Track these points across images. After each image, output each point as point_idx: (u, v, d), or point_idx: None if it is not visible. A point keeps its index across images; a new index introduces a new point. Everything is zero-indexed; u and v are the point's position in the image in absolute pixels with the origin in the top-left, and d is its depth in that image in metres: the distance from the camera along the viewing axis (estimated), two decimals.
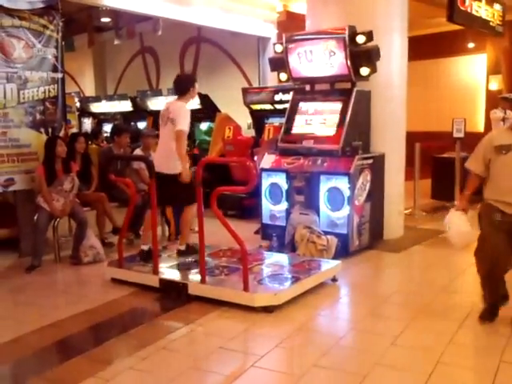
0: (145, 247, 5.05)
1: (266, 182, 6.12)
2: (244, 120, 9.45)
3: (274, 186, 6.07)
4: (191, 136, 9.67)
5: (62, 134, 6.11)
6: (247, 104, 8.87)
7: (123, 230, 5.02)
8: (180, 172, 4.85)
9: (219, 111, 9.68)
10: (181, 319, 3.99)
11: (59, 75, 6.10)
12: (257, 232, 6.45)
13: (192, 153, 8.90)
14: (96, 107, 12.66)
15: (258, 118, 8.85)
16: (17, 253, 5.89)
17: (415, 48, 9.13)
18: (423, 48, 12.52)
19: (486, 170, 3.83)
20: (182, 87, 5.10)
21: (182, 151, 4.92)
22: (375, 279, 5.24)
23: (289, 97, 6.65)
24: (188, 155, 5.18)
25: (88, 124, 12.76)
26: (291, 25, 9.11)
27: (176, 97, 5.15)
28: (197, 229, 4.56)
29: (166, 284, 4.51)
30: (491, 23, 8.56)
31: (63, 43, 6.21)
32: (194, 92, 5.19)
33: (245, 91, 8.93)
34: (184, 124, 4.89)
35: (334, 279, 4.82)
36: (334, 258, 5.28)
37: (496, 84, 12.51)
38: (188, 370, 3.19)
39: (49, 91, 5.97)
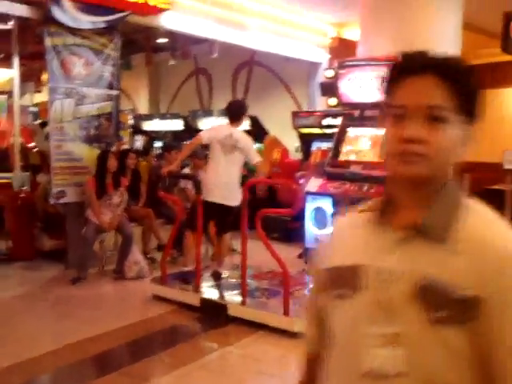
0: (187, 268, 5.14)
1: (311, 205, 6.09)
2: (292, 143, 9.47)
3: (319, 209, 6.03)
4: None
5: (114, 149, 6.26)
6: (296, 127, 8.90)
7: (168, 248, 5.08)
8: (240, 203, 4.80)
9: (268, 133, 9.73)
10: (219, 340, 3.99)
11: (115, 92, 6.28)
12: (300, 256, 6.41)
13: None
14: (148, 125, 12.93)
15: (306, 142, 8.85)
16: (63, 264, 6.01)
17: None
18: (478, 78, 12.31)
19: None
20: (238, 113, 5.12)
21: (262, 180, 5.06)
22: None
23: (337, 121, 6.63)
24: None
25: (139, 141, 13.02)
26: (343, 51, 9.11)
27: (228, 121, 5.12)
28: (239, 249, 4.57)
29: (207, 303, 4.52)
30: None
31: (121, 62, 6.41)
32: (244, 120, 5.31)
33: (294, 115, 8.97)
34: (258, 155, 5.01)
35: None
36: None
37: None
38: None
39: (104, 107, 6.15)
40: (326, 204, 5.93)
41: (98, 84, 6.08)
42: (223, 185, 4.89)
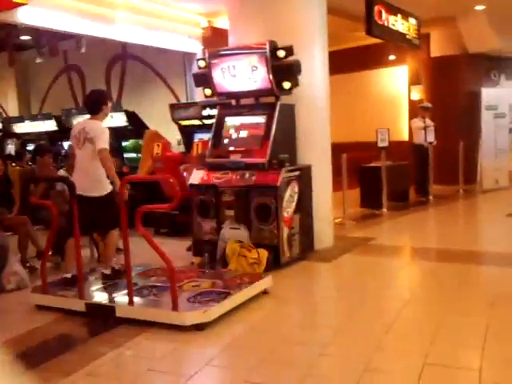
0: (68, 275, 4.93)
1: (196, 197, 6.08)
2: (174, 136, 9.39)
3: (203, 201, 6.03)
4: (119, 154, 9.52)
5: None
6: (175, 120, 8.81)
7: (46, 254, 4.86)
8: (109, 192, 4.78)
9: (147, 128, 9.57)
10: (108, 343, 3.87)
11: None
12: (189, 249, 6.39)
13: (121, 171, 8.74)
14: (19, 127, 12.25)
15: (187, 134, 8.79)
16: None
17: (339, 61, 9.42)
18: (347, 61, 12.90)
19: None
20: (94, 106, 5.02)
21: (112, 171, 4.82)
22: (306, 290, 5.28)
23: (216, 112, 6.65)
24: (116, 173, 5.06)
25: (11, 145, 12.31)
26: (216, 40, 9.14)
27: (89, 116, 5.06)
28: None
29: (93, 308, 4.37)
30: (408, 36, 8.93)
31: None
32: (107, 110, 5.09)
33: (172, 107, 8.87)
34: (105, 142, 4.79)
35: (266, 292, 4.82)
36: (266, 270, 5.30)
37: (417, 94, 13.02)
38: None
39: None
40: (210, 195, 5.94)
41: None
42: (81, 177, 4.87)
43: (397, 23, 8.46)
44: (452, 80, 11.95)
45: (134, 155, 9.79)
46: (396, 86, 13.85)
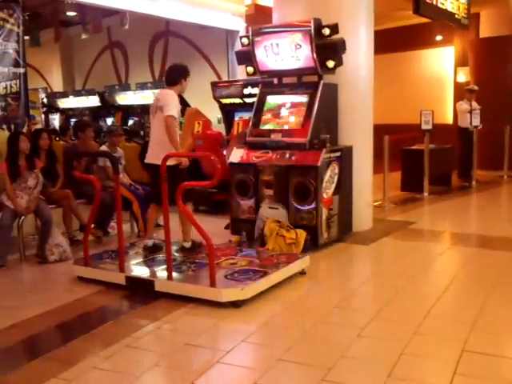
0: (149, 242, 5.12)
1: (235, 176, 6.09)
2: (214, 115, 9.40)
3: (242, 180, 6.04)
4: None
5: (25, 129, 5.99)
6: (216, 98, 8.82)
7: (88, 228, 4.96)
8: (176, 163, 4.79)
9: (189, 106, 9.60)
10: (147, 317, 3.95)
11: (21, 70, 5.99)
12: (227, 227, 6.42)
13: None
14: (63, 103, 12.46)
15: (228, 112, 8.81)
16: None
17: (384, 41, 9.22)
18: (392, 41, 12.64)
19: None
20: (173, 77, 5.09)
21: (175, 137, 4.86)
22: (343, 272, 5.26)
23: (257, 90, 6.62)
24: None
25: (56, 120, 12.55)
26: (260, 18, 9.07)
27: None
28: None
29: (133, 281, 4.46)
30: (457, 16, 8.68)
31: (28, 38, 6.11)
32: (185, 84, 5.17)
33: (214, 85, 8.88)
34: (173, 110, 4.84)
35: (303, 272, 4.82)
36: (303, 251, 5.29)
37: (463, 76, 12.68)
38: (153, 368, 3.15)
39: (10, 86, 5.85)
40: (250, 174, 5.94)
41: (2, 62, 5.76)
42: (153, 146, 5.04)
43: (446, 2, 8.22)
44: (501, 62, 11.57)
45: None
46: (442, 67, 13.53)
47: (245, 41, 6.22)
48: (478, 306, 3.96)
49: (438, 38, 13.34)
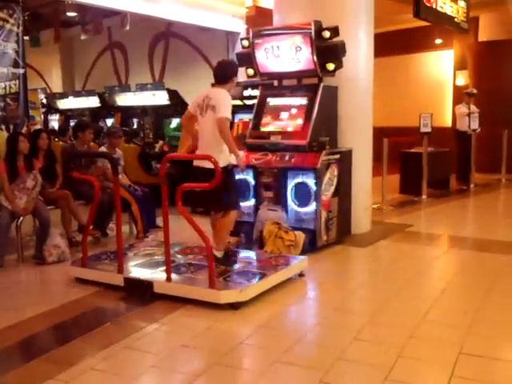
0: (218, 254, 4.65)
1: (235, 177, 6.07)
2: None
3: (242, 182, 6.04)
4: (162, 133, 9.61)
5: (24, 130, 5.99)
6: None
7: (87, 228, 4.95)
8: (227, 164, 4.58)
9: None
10: (145, 318, 3.94)
11: (21, 71, 5.99)
12: None
13: (162, 150, 8.83)
14: (63, 103, 12.43)
15: None
16: None
17: (383, 44, 9.23)
18: (391, 44, 12.65)
19: None
20: (225, 74, 4.74)
21: (230, 140, 4.52)
22: (342, 274, 5.26)
23: (258, 92, 6.63)
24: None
25: (55, 121, 12.54)
26: (260, 20, 9.08)
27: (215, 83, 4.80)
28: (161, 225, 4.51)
29: (131, 283, 4.45)
30: (456, 19, 8.70)
31: (28, 38, 6.11)
32: (235, 80, 4.87)
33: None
34: (227, 111, 4.48)
35: (301, 275, 4.82)
36: (302, 253, 5.29)
37: (463, 79, 12.70)
38: (150, 369, 3.16)
39: (10, 87, 5.85)
40: (249, 176, 5.94)
41: (1, 62, 5.76)
42: (202, 147, 4.71)
43: (445, 6, 8.24)
44: (500, 66, 11.60)
45: (175, 134, 9.85)
46: (441, 70, 13.55)
47: (245, 43, 6.22)
48: (474, 309, 3.97)
49: (438, 41, 13.36)
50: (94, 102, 11.48)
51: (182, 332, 3.68)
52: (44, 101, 12.45)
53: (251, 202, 5.98)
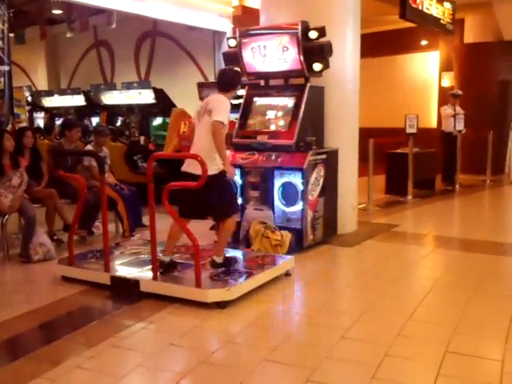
0: (165, 259, 4.50)
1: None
2: None
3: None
4: (147, 131, 9.58)
5: (9, 128, 5.93)
6: (203, 99, 8.78)
7: (73, 227, 4.92)
8: (219, 171, 4.39)
9: (175, 106, 9.58)
10: (132, 317, 3.93)
11: (6, 68, 5.94)
12: (212, 228, 6.41)
13: (148, 148, 8.81)
14: (48, 101, 12.34)
15: None
16: None
17: (370, 45, 9.30)
18: (378, 45, 12.73)
19: None
20: (228, 83, 4.65)
21: (222, 145, 4.33)
22: (328, 273, 5.28)
23: (244, 92, 6.62)
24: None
25: (41, 119, 12.43)
26: (247, 19, 9.09)
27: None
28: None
29: (118, 281, 4.44)
30: (442, 21, 8.78)
31: (13, 35, 6.04)
32: (237, 90, 4.84)
33: (200, 86, 8.87)
34: (222, 115, 4.33)
35: (288, 274, 4.84)
36: (289, 253, 5.30)
37: (448, 81, 12.80)
38: (137, 368, 3.15)
39: None
40: (236, 175, 5.92)
41: None
42: (194, 151, 4.48)
43: (431, 7, 8.31)
44: (485, 68, 11.71)
45: (160, 133, 9.82)
46: (427, 71, 13.65)
47: (232, 42, 6.23)
48: (460, 308, 4.01)
49: (423, 42, 13.46)
50: (79, 100, 11.41)
51: (169, 330, 3.68)
52: (29, 98, 12.34)
53: (238, 201, 5.97)
